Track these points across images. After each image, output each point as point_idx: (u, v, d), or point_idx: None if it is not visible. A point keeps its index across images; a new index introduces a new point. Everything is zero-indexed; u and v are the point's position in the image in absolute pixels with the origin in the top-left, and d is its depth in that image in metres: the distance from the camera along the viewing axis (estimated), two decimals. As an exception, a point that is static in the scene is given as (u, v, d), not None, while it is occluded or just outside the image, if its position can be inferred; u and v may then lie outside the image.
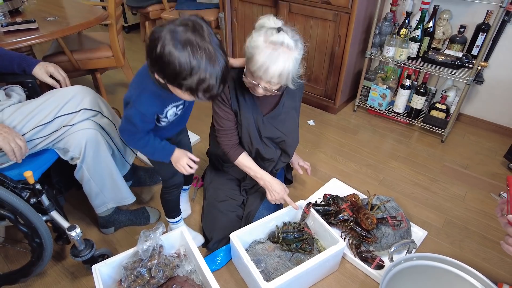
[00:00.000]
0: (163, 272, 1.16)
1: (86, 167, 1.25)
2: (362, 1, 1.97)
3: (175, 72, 0.83)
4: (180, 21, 0.84)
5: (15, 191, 1.06)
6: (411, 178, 1.83)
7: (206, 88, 0.87)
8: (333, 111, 2.40)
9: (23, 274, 1.21)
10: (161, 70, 0.86)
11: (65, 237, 1.26)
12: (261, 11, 2.38)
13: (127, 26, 3.91)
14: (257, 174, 1.34)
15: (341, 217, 1.45)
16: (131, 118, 1.00)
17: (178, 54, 0.81)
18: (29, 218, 1.05)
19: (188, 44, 0.81)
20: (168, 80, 0.88)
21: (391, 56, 2.06)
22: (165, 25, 0.84)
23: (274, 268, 1.29)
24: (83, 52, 2.07)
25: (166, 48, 0.81)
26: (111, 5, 1.96)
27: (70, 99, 1.23)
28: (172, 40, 0.81)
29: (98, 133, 1.25)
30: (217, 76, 0.86)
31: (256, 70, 1.06)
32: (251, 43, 1.06)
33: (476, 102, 2.20)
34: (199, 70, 0.83)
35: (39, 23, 1.67)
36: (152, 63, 0.87)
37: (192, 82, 0.85)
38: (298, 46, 1.08)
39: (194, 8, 2.96)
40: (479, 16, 1.92)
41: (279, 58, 1.03)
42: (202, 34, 0.83)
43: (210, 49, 0.84)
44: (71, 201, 1.65)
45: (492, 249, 1.44)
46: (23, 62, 1.29)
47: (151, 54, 0.85)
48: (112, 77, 2.90)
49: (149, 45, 0.85)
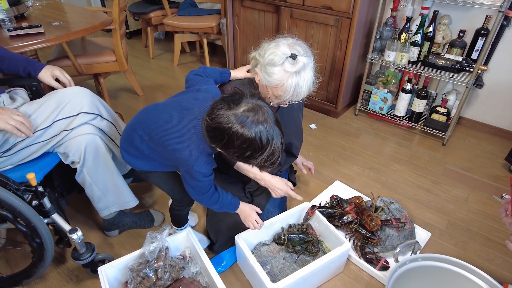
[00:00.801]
0: (169, 273, 1.16)
1: (87, 171, 1.25)
2: (363, 7, 2.00)
3: (245, 154, 0.90)
4: (245, 108, 0.89)
5: (17, 193, 1.06)
6: (413, 180, 1.84)
7: (271, 162, 0.94)
8: (335, 115, 2.41)
9: (26, 275, 1.21)
10: (228, 151, 0.92)
11: (66, 240, 1.26)
12: (262, 17, 2.41)
13: (128, 32, 3.94)
14: (256, 175, 1.34)
15: (345, 219, 1.45)
16: (196, 177, 1.03)
17: (250, 139, 0.87)
18: (30, 220, 1.05)
19: (257, 129, 0.87)
20: (237, 158, 0.94)
21: (392, 60, 2.09)
22: (228, 114, 0.88)
23: (280, 270, 1.30)
24: (87, 57, 2.09)
25: (238, 135, 0.87)
26: (115, 10, 1.98)
27: (68, 102, 1.22)
28: (242, 128, 0.87)
29: (97, 137, 1.25)
30: (280, 150, 0.93)
31: (288, 97, 1.12)
32: (273, 76, 1.08)
33: (476, 105, 2.22)
34: (266, 150, 0.89)
35: (45, 28, 1.68)
36: (220, 147, 0.94)
37: (261, 160, 0.91)
38: (310, 56, 1.12)
39: (196, 14, 2.99)
40: (478, 21, 1.95)
41: (305, 80, 1.09)
42: (265, 115, 0.89)
43: (274, 129, 0.90)
44: (74, 205, 1.65)
45: (496, 250, 1.45)
46: (28, 66, 1.30)
47: (219, 141, 0.91)
48: (115, 81, 2.92)
49: (216, 134, 0.90)
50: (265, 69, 1.09)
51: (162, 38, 3.95)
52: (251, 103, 0.90)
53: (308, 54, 1.10)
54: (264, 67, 1.09)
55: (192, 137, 0.98)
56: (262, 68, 1.10)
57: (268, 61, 1.08)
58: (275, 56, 1.07)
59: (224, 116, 0.87)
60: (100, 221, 1.51)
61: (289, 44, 1.09)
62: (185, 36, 3.13)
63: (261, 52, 1.12)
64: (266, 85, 1.12)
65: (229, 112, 0.88)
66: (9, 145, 1.14)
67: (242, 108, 0.89)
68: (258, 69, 1.13)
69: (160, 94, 2.73)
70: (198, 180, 1.04)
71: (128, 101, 2.62)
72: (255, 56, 1.14)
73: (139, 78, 2.94)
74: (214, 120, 0.89)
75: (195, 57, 3.44)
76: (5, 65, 1.29)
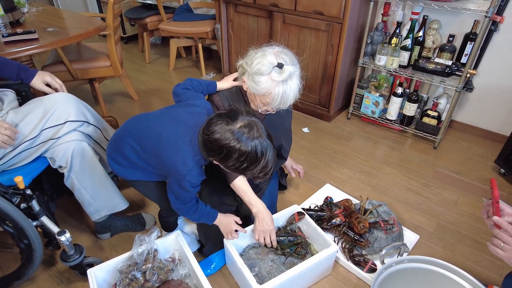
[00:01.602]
0: (158, 275, 1.18)
1: (75, 176, 1.27)
2: (354, 12, 2.03)
3: (242, 166, 0.96)
4: (241, 124, 0.95)
5: (6, 196, 1.08)
6: (404, 183, 1.86)
7: (265, 173, 1.01)
8: (327, 119, 2.44)
9: (16, 277, 1.22)
10: (226, 164, 0.98)
11: (56, 243, 1.28)
12: (256, 22, 2.44)
13: (125, 37, 3.98)
14: (251, 200, 1.26)
15: (334, 222, 1.47)
16: (185, 187, 1.06)
17: (246, 153, 0.94)
18: (18, 222, 1.07)
19: (253, 143, 0.94)
20: (232, 170, 1.01)
21: (383, 64, 2.11)
22: (225, 129, 0.94)
23: (268, 272, 1.31)
24: (82, 62, 2.11)
25: (236, 150, 0.93)
26: (109, 16, 2.01)
27: (55, 111, 1.24)
28: (239, 143, 0.93)
29: (84, 143, 1.27)
30: (272, 162, 1.00)
31: (275, 105, 1.14)
32: (260, 85, 1.10)
33: (467, 109, 2.24)
34: (261, 162, 0.97)
35: (39, 34, 1.71)
36: (218, 160, 1.00)
37: (256, 171, 0.99)
38: (297, 64, 1.15)
39: (192, 19, 3.03)
40: (467, 25, 1.98)
41: (291, 88, 1.12)
42: (259, 130, 0.97)
43: (267, 143, 0.98)
44: (65, 209, 1.67)
45: (483, 252, 1.46)
46: (21, 73, 1.32)
47: (218, 154, 0.97)
48: (110, 86, 2.94)
49: (214, 148, 0.96)
50: (252, 78, 1.12)
51: (158, 43, 3.99)
52: (247, 119, 0.97)
53: (294, 63, 1.12)
54: (251, 76, 1.12)
55: (188, 149, 1.02)
56: (250, 77, 1.13)
57: (255, 71, 1.10)
58: (262, 66, 1.09)
59: (222, 132, 0.94)
60: (91, 224, 1.53)
61: (276, 53, 1.11)
62: (180, 41, 3.16)
63: (248, 61, 1.14)
64: (254, 93, 1.15)
65: (226, 127, 0.94)
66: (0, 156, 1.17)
67: (238, 124, 0.95)
68: (245, 77, 1.15)
69: (156, 98, 2.76)
70: (186, 190, 1.07)
71: (123, 106, 2.64)
72: (242, 64, 1.17)
73: (135, 83, 2.97)
74: (212, 136, 0.94)
75: (190, 62, 3.48)
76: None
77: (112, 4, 1.99)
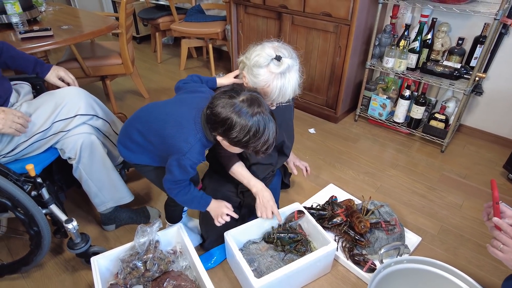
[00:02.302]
0: (158, 266, 1.20)
1: (83, 167, 1.32)
2: (362, 14, 2.04)
3: (244, 139, 0.99)
4: (243, 98, 0.99)
5: (17, 183, 1.13)
6: (409, 186, 1.85)
7: (267, 147, 1.04)
8: (334, 120, 2.44)
9: (24, 263, 1.27)
10: (229, 136, 1.01)
11: (63, 231, 1.32)
12: (265, 23, 2.47)
13: (138, 37, 4.06)
14: (250, 182, 1.33)
15: (334, 221, 1.47)
16: (185, 167, 1.08)
17: (248, 125, 0.97)
18: (28, 209, 1.11)
19: (255, 117, 0.98)
20: (234, 144, 1.03)
21: (391, 66, 2.11)
22: (228, 102, 0.98)
23: (267, 267, 1.32)
24: (94, 60, 2.18)
25: (237, 121, 0.97)
26: (122, 15, 2.07)
27: (66, 104, 1.29)
28: (241, 114, 0.97)
29: (93, 136, 1.32)
30: (274, 137, 1.04)
31: (274, 99, 1.16)
32: (259, 77, 1.12)
33: (476, 113, 2.21)
34: (262, 136, 1.00)
35: (54, 31, 1.78)
36: (221, 133, 1.02)
37: (258, 144, 1.02)
38: (295, 58, 1.16)
39: (203, 20, 3.08)
40: (477, 28, 1.96)
41: (290, 81, 1.13)
42: (261, 105, 1.00)
43: (269, 118, 1.01)
44: (74, 200, 1.72)
45: (486, 257, 1.44)
46: (37, 67, 1.39)
47: (220, 127, 1.00)
48: (122, 84, 3.02)
49: (217, 121, 0.99)
50: (251, 71, 1.14)
51: (170, 44, 4.06)
52: (249, 94, 1.01)
53: (293, 57, 1.14)
54: (250, 69, 1.14)
55: (191, 127, 1.06)
56: (249, 70, 1.15)
57: (253, 63, 1.12)
58: (260, 58, 1.11)
59: (224, 105, 0.98)
60: (98, 216, 1.57)
61: (274, 47, 1.13)
62: (191, 42, 3.22)
63: (248, 55, 1.16)
64: (253, 86, 1.17)
65: (229, 101, 0.98)
66: (13, 146, 1.22)
67: (241, 98, 0.99)
68: (245, 71, 1.18)
69: (165, 96, 2.81)
70: (184, 169, 1.08)
71: (134, 103, 2.70)
72: (243, 59, 1.19)
73: (146, 81, 3.03)
74: (216, 109, 0.98)
75: (201, 62, 3.53)
76: (15, 64, 1.38)
77: (125, 3, 2.05)
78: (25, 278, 1.36)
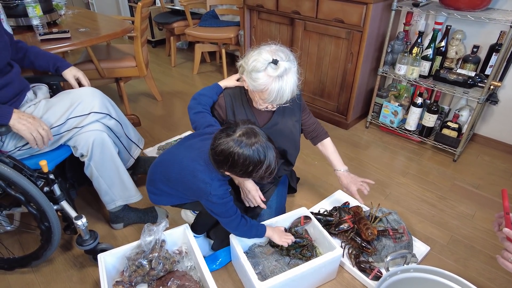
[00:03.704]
0: (163, 265, 1.22)
1: (94, 165, 1.35)
2: (374, 20, 2.03)
3: (248, 169, 1.04)
4: (240, 133, 1.04)
5: (31, 179, 1.17)
6: (419, 194, 1.82)
7: (270, 172, 1.08)
8: (345, 126, 2.43)
9: (34, 257, 1.30)
10: (235, 171, 1.06)
11: (73, 228, 1.35)
12: (278, 29, 2.49)
13: (154, 41, 4.14)
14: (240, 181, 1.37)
15: (341, 227, 1.46)
16: (216, 202, 1.14)
17: (249, 156, 1.02)
18: (40, 204, 1.15)
19: (253, 147, 1.03)
20: (241, 176, 1.08)
21: (403, 74, 2.09)
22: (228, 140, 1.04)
23: (271, 271, 1.32)
24: (110, 62, 2.23)
25: (239, 155, 1.02)
26: (137, 18, 2.12)
27: (81, 102, 1.34)
28: (241, 148, 1.02)
29: (104, 134, 1.35)
30: (275, 161, 1.08)
31: (273, 100, 1.18)
32: (258, 81, 1.15)
33: (491, 122, 2.17)
34: (264, 163, 1.04)
35: (72, 33, 1.84)
36: (227, 169, 1.07)
37: (262, 171, 1.06)
38: (293, 60, 1.18)
39: (217, 25, 3.12)
40: (492, 36, 1.93)
41: (287, 83, 1.15)
42: (257, 135, 1.05)
43: (266, 144, 1.05)
44: (85, 199, 1.76)
45: (499, 270, 1.40)
46: (58, 62, 1.47)
47: (225, 164, 1.05)
48: (136, 86, 3.08)
49: (221, 159, 1.05)
50: (250, 75, 1.16)
51: (185, 48, 4.13)
52: (244, 128, 1.06)
53: (290, 59, 1.16)
54: (249, 74, 1.16)
55: (203, 169, 1.13)
56: (248, 75, 1.17)
57: (251, 68, 1.15)
58: (257, 63, 1.13)
59: (224, 143, 1.03)
60: (107, 214, 1.60)
61: (272, 51, 1.15)
62: (205, 46, 3.26)
63: (246, 60, 1.19)
64: (252, 90, 1.19)
65: (228, 139, 1.04)
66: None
67: (238, 133, 1.04)
68: (244, 75, 1.20)
69: (177, 99, 2.85)
70: (218, 204, 1.14)
71: (147, 105, 2.75)
72: (242, 64, 1.21)
73: (160, 85, 3.08)
74: (218, 148, 1.04)
75: (214, 67, 3.57)
76: (39, 61, 1.46)
77: (141, 7, 2.11)
78: (34, 272, 1.39)
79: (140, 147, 1.65)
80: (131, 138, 1.58)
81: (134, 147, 1.61)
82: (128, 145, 1.55)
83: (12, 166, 1.13)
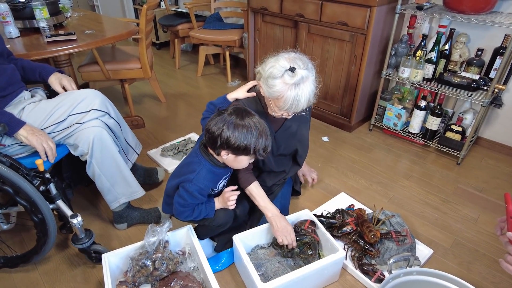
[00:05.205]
0: (166, 265, 1.22)
1: (96, 162, 1.37)
2: (378, 23, 2.04)
3: (243, 143, 1.08)
4: (231, 110, 1.11)
5: (27, 178, 1.18)
6: (422, 197, 1.81)
7: (264, 147, 1.12)
8: (349, 129, 2.43)
9: (34, 252, 1.32)
10: (229, 148, 1.10)
11: (69, 226, 1.37)
12: (282, 32, 2.50)
13: (158, 43, 4.17)
14: (267, 206, 1.32)
15: (344, 230, 1.46)
16: (192, 192, 1.18)
17: (243, 126, 1.08)
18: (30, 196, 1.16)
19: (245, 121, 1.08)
20: (237, 152, 1.11)
21: (407, 77, 2.09)
22: (219, 118, 1.09)
23: (274, 273, 1.32)
24: (115, 63, 2.25)
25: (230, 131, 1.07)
26: (142, 21, 2.14)
27: (82, 100, 1.38)
28: (234, 121, 1.07)
29: (104, 131, 1.37)
30: (267, 134, 1.13)
31: (288, 108, 1.17)
32: (273, 88, 1.14)
33: (496, 126, 2.16)
34: (257, 133, 1.09)
35: (78, 35, 1.86)
36: (219, 147, 1.10)
37: (257, 146, 1.10)
38: (311, 69, 1.17)
39: (221, 28, 3.14)
40: (497, 39, 1.93)
41: (303, 91, 1.14)
42: (248, 112, 1.11)
43: (257, 118, 1.11)
44: (86, 198, 1.77)
45: (503, 274, 1.40)
46: (42, 72, 1.48)
47: (216, 142, 1.09)
48: (140, 88, 3.10)
49: (215, 136, 1.09)
50: (266, 81, 1.16)
51: (189, 50, 4.15)
52: (233, 107, 1.13)
53: (308, 67, 1.15)
54: (265, 80, 1.16)
55: (194, 160, 1.21)
56: (264, 81, 1.17)
57: (268, 74, 1.15)
58: (274, 69, 1.13)
59: (217, 122, 1.09)
60: (109, 215, 1.61)
61: (290, 58, 1.15)
62: (209, 49, 3.28)
63: (264, 66, 1.19)
64: (268, 97, 1.19)
65: (219, 117, 1.10)
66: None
67: (228, 111, 1.10)
68: (261, 82, 1.20)
69: (182, 101, 2.87)
70: (191, 194, 1.18)
71: (151, 107, 2.77)
72: (259, 70, 1.21)
73: (164, 86, 3.10)
74: (211, 128, 1.09)
75: (218, 69, 3.59)
76: (27, 74, 1.48)
77: (146, 10, 2.12)
78: (39, 272, 1.40)
79: (137, 152, 1.67)
80: (129, 142, 1.60)
81: (131, 152, 1.62)
82: (126, 149, 1.57)
83: (9, 165, 1.15)
